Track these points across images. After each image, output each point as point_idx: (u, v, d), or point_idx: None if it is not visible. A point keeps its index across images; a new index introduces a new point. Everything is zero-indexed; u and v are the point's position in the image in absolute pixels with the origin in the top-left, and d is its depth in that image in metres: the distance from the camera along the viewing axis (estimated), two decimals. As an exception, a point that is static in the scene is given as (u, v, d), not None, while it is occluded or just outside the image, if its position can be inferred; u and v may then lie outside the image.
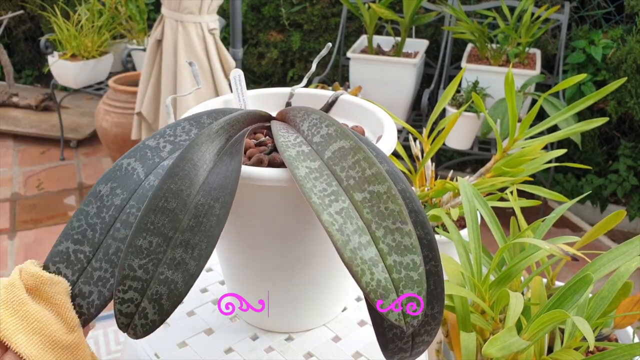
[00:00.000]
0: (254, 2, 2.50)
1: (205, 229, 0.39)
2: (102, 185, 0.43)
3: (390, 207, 0.39)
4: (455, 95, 1.97)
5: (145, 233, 0.39)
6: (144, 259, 0.38)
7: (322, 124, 0.45)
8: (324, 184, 0.40)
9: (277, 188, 0.44)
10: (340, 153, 0.42)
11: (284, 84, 2.59)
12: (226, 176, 0.41)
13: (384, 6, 1.98)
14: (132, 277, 0.38)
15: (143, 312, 0.38)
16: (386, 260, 0.38)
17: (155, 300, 0.38)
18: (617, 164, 2.07)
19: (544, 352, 0.57)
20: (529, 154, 0.80)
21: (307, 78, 0.59)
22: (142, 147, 0.45)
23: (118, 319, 0.38)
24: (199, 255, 0.38)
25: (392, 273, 0.37)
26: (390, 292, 0.37)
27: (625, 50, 1.93)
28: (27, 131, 2.63)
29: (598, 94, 0.76)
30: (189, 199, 0.40)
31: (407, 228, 0.39)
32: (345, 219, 0.38)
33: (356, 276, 0.37)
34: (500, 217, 0.66)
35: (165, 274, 0.38)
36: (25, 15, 3.03)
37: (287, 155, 0.42)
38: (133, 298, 0.38)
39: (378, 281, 0.37)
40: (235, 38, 1.80)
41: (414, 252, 0.38)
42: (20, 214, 2.17)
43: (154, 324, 0.38)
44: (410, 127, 0.86)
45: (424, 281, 0.38)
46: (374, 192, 0.40)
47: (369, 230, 0.39)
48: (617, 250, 0.55)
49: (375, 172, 0.40)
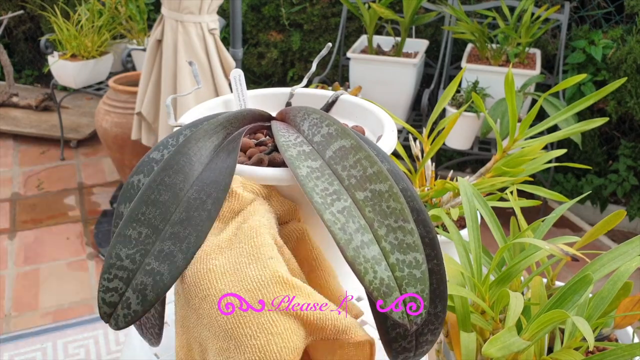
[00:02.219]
0: (254, 2, 2.50)
1: (196, 223, 0.39)
2: (122, 206, 0.44)
3: (392, 205, 0.39)
4: (455, 95, 1.97)
5: (135, 223, 0.39)
6: (132, 249, 0.38)
7: (322, 123, 0.45)
8: (326, 184, 0.40)
9: (277, 188, 0.44)
10: (342, 152, 0.42)
11: (284, 84, 2.59)
12: (221, 172, 0.41)
13: (384, 6, 1.98)
14: (118, 266, 0.38)
15: (126, 301, 0.38)
16: (389, 258, 0.38)
17: (139, 290, 0.37)
18: (617, 164, 2.07)
19: (544, 352, 0.57)
20: (529, 154, 0.80)
21: (307, 78, 0.59)
22: (148, 162, 0.45)
23: (101, 308, 0.38)
24: (187, 248, 0.38)
25: (395, 271, 0.38)
26: (394, 290, 0.37)
27: (625, 50, 1.93)
28: (27, 131, 2.63)
29: (598, 94, 0.76)
30: (181, 192, 0.40)
31: (409, 226, 0.39)
32: (347, 218, 0.38)
33: (359, 274, 0.37)
34: (500, 217, 0.66)
35: (152, 265, 0.38)
36: (25, 15, 3.03)
37: (289, 155, 0.42)
38: (118, 287, 0.38)
39: (381, 279, 0.37)
40: (235, 38, 1.80)
41: (417, 250, 0.38)
42: (20, 214, 2.17)
43: (136, 314, 0.37)
44: (410, 127, 0.86)
45: (426, 279, 0.38)
46: (376, 191, 0.40)
47: (371, 229, 0.39)
48: (617, 250, 0.55)
49: (377, 170, 0.40)
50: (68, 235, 2.06)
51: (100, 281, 0.38)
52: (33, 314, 1.70)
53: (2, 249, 1.97)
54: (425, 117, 2.02)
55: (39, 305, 1.73)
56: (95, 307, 1.73)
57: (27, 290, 1.79)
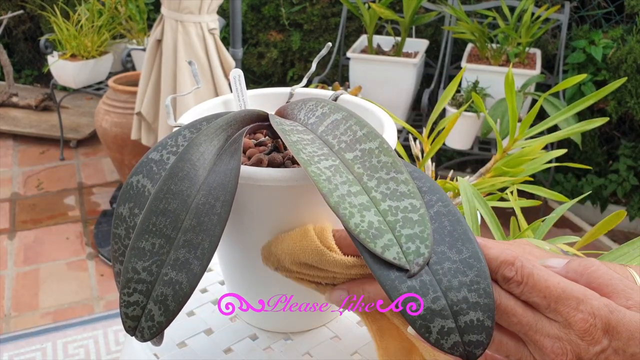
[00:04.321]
0: (254, 2, 2.50)
1: (207, 228, 0.39)
2: (122, 207, 0.44)
3: (383, 159, 0.38)
4: (455, 95, 1.97)
5: (148, 235, 0.39)
6: (147, 261, 0.38)
7: (317, 107, 0.45)
8: (315, 148, 0.40)
9: (277, 188, 0.44)
10: (333, 125, 0.42)
11: (284, 83, 2.59)
12: (226, 175, 0.41)
13: (384, 6, 1.98)
14: (136, 279, 0.38)
15: (149, 314, 0.37)
16: (379, 206, 0.36)
17: (160, 301, 0.37)
18: (617, 164, 2.07)
19: (544, 353, 0.57)
20: (529, 154, 0.80)
21: (307, 78, 0.59)
22: (147, 162, 0.45)
23: (125, 323, 0.37)
24: (202, 255, 0.38)
25: (387, 216, 0.36)
26: (385, 232, 0.35)
27: (625, 50, 1.93)
28: (27, 131, 2.63)
29: (598, 94, 0.76)
30: (189, 199, 0.40)
31: (402, 177, 0.37)
32: (334, 173, 0.37)
33: (344, 218, 0.34)
34: (500, 217, 0.66)
35: (170, 275, 0.38)
36: (25, 15, 3.03)
37: (280, 129, 0.42)
38: (139, 301, 0.38)
39: (370, 222, 0.35)
40: (235, 38, 1.80)
41: (413, 197, 0.36)
42: (20, 214, 2.17)
43: (160, 325, 0.37)
44: (410, 127, 0.86)
45: (426, 220, 0.36)
46: (365, 150, 0.39)
47: (360, 182, 0.37)
48: (618, 251, 0.55)
49: (367, 132, 0.40)
50: (68, 235, 2.06)
51: (121, 296, 0.38)
52: (33, 314, 1.70)
53: (2, 249, 1.97)
54: (425, 117, 2.02)
55: (38, 306, 1.73)
56: (95, 307, 1.73)
57: (27, 290, 1.79)
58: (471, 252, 0.35)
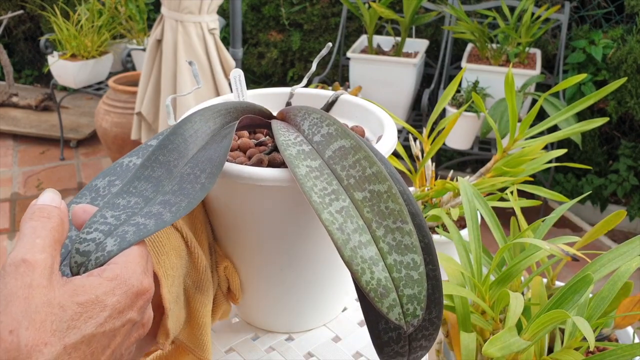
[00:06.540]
0: (254, 2, 2.50)
1: (188, 193, 0.39)
2: (100, 179, 0.43)
3: (391, 206, 0.39)
4: (455, 95, 1.97)
5: (126, 195, 0.38)
6: (118, 211, 0.37)
7: (322, 123, 0.45)
8: (325, 183, 0.40)
9: (277, 188, 0.44)
10: (341, 152, 0.42)
11: (284, 83, 2.59)
12: (215, 151, 0.42)
13: (384, 6, 1.98)
14: (101, 222, 0.36)
15: (101, 246, 0.35)
16: (386, 259, 0.38)
17: (119, 235, 0.35)
18: (617, 164, 2.07)
19: (544, 352, 0.57)
20: (529, 154, 0.80)
21: (307, 78, 0.59)
22: (145, 147, 0.45)
23: (72, 258, 0.34)
24: (176, 211, 0.37)
25: (393, 272, 0.37)
26: (391, 291, 0.37)
27: (625, 50, 1.93)
28: (27, 131, 2.63)
29: (598, 94, 0.76)
30: (175, 169, 0.40)
31: (407, 227, 0.39)
32: (345, 218, 0.38)
33: (356, 275, 0.36)
34: (500, 217, 0.66)
35: (138, 220, 0.37)
36: (25, 15, 3.03)
37: (288, 154, 0.42)
38: (96, 238, 0.35)
39: (378, 280, 0.37)
40: (235, 38, 1.80)
41: (414, 252, 0.38)
42: (20, 214, 2.17)
43: (109, 255, 0.35)
44: (410, 127, 0.86)
45: (424, 280, 0.38)
46: (375, 192, 0.40)
47: (369, 229, 0.38)
48: (618, 251, 0.55)
49: (376, 171, 0.40)
50: (68, 235, 2.06)
51: (78, 235, 0.35)
52: (33, 314, 1.69)
53: (2, 249, 1.97)
54: (425, 117, 2.02)
55: (38, 305, 1.73)
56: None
57: (27, 290, 1.78)
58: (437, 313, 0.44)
